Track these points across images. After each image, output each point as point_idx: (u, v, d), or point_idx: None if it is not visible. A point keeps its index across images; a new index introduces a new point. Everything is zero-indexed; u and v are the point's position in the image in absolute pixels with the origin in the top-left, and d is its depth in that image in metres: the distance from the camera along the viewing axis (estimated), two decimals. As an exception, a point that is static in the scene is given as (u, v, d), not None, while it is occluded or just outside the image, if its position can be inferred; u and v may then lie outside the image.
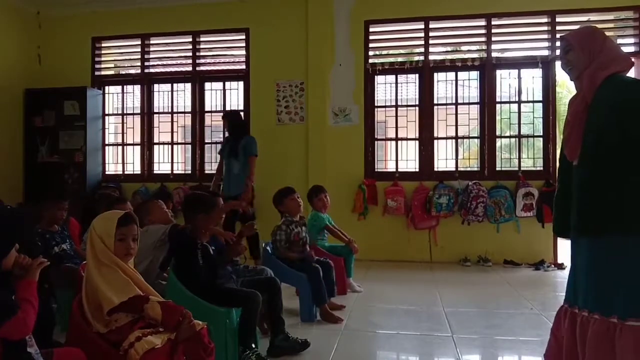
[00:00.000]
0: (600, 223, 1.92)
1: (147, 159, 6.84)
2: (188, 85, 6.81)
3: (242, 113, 6.24)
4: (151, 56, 6.91)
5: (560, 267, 5.59)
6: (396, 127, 6.35)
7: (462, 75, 6.29)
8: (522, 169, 6.01)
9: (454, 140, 6.28)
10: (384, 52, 6.57)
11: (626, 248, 1.86)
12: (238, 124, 5.70)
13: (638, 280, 1.83)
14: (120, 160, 6.99)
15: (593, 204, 1.94)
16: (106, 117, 6.97)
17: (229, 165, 5.50)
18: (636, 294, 1.82)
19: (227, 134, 5.90)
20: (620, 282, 1.86)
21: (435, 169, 6.23)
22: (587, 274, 1.97)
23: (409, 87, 6.46)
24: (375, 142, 6.41)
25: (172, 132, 6.83)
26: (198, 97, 6.73)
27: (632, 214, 1.85)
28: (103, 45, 6.98)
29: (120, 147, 7.01)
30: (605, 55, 2.01)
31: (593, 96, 1.97)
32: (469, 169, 6.46)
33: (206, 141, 6.81)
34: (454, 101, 6.32)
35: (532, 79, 6.12)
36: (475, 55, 6.19)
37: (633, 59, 6.48)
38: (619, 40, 5.90)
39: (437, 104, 6.31)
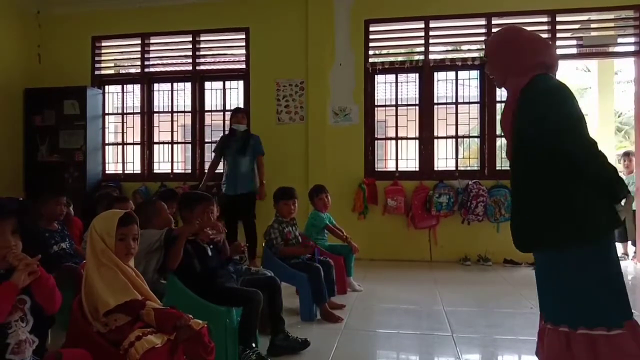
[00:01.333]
0: (535, 238, 1.89)
1: (147, 158, 6.84)
2: (188, 85, 6.81)
3: None
4: (151, 55, 6.91)
5: (560, 266, 5.58)
6: (396, 127, 6.35)
7: (462, 74, 6.29)
8: (522, 168, 6.00)
9: (454, 140, 6.29)
10: (384, 51, 6.58)
11: (566, 261, 1.82)
12: (250, 122, 5.73)
13: (580, 290, 1.80)
14: (120, 159, 6.98)
15: (526, 219, 1.90)
16: (106, 117, 6.97)
17: (236, 164, 5.45)
18: (581, 303, 1.79)
19: (228, 131, 5.82)
20: (565, 293, 1.84)
21: (436, 168, 6.22)
22: (538, 285, 2.00)
23: (409, 86, 6.46)
24: (375, 141, 6.40)
25: (172, 131, 6.83)
26: (198, 97, 6.73)
27: (564, 226, 1.79)
28: (103, 44, 6.98)
29: (120, 147, 7.01)
30: (524, 61, 1.91)
31: (517, 104, 1.90)
32: (469, 168, 6.46)
33: (206, 140, 6.81)
34: (454, 100, 6.32)
35: (532, 78, 6.10)
36: (475, 55, 6.18)
37: (633, 59, 6.40)
38: (619, 40, 5.91)
39: (437, 103, 6.31)
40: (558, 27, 5.94)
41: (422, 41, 6.22)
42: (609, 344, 1.75)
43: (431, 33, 6.19)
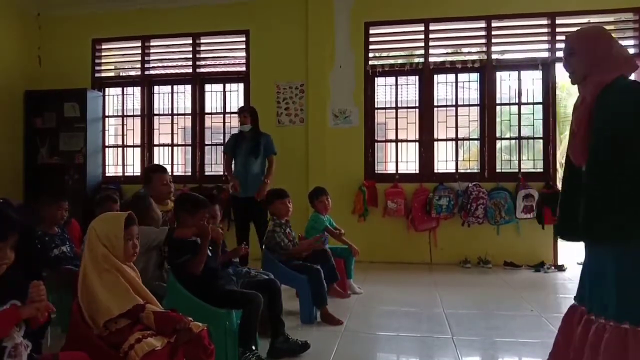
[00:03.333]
0: (616, 232, 1.86)
1: (147, 160, 6.83)
2: (188, 87, 6.81)
3: None
4: (151, 58, 6.91)
5: (561, 268, 5.58)
6: (396, 129, 6.35)
7: (462, 77, 6.29)
8: (522, 170, 6.01)
9: (454, 142, 6.29)
10: (384, 53, 6.58)
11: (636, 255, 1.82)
12: (257, 119, 5.35)
13: None
14: (121, 161, 6.99)
15: (606, 212, 1.88)
16: (106, 119, 6.97)
17: (247, 165, 5.17)
18: None
19: (238, 131, 5.44)
20: (632, 289, 1.82)
21: (435, 171, 6.23)
22: (610, 282, 1.90)
23: (409, 88, 6.46)
24: (375, 143, 6.41)
25: (172, 133, 6.83)
26: (198, 99, 6.73)
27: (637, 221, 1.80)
28: (103, 46, 6.99)
29: (120, 149, 7.01)
30: (610, 60, 1.94)
31: (597, 101, 1.92)
32: (469, 170, 6.46)
33: (206, 143, 6.82)
34: (454, 103, 6.31)
35: (532, 80, 6.12)
36: (475, 57, 6.19)
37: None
38: (619, 42, 5.91)
39: (437, 106, 6.30)
40: (558, 29, 5.94)
41: (422, 44, 6.22)
42: None
43: (431, 35, 6.19)
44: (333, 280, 4.07)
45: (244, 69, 6.57)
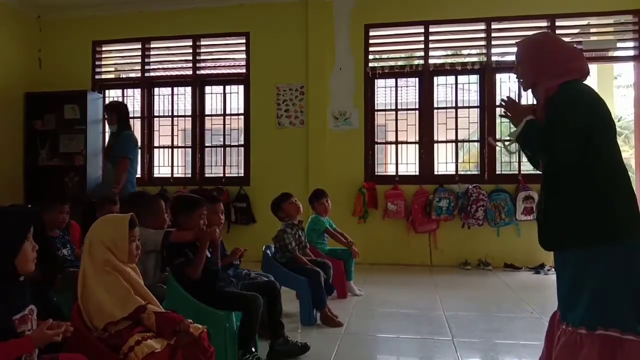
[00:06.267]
0: (556, 237, 1.92)
1: (147, 162, 6.84)
2: (188, 89, 6.82)
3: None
4: (152, 60, 6.92)
5: (561, 270, 5.58)
6: (396, 131, 6.35)
7: (462, 78, 6.29)
8: (522, 172, 6.01)
9: (454, 144, 6.29)
10: (384, 55, 6.59)
11: (586, 260, 1.83)
12: (125, 117, 4.87)
13: (599, 291, 1.80)
14: (121, 163, 6.98)
15: (548, 217, 1.94)
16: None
17: (107, 169, 4.84)
18: (599, 304, 1.79)
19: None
20: (585, 293, 1.82)
21: (436, 173, 6.23)
22: (561, 287, 1.96)
23: (409, 90, 6.47)
24: (375, 145, 6.41)
25: (172, 135, 6.83)
26: (198, 101, 6.74)
27: (591, 225, 1.82)
28: (103, 49, 6.99)
29: (120, 151, 7.01)
30: (554, 67, 1.93)
31: (546, 111, 1.92)
32: (469, 172, 6.46)
33: (206, 145, 6.82)
34: (454, 105, 6.31)
35: (532, 82, 6.12)
36: (475, 59, 6.20)
37: (632, 63, 6.42)
38: (618, 44, 5.92)
39: (437, 108, 6.31)
40: (557, 31, 5.94)
41: (422, 46, 6.23)
42: (621, 347, 1.73)
43: (431, 38, 6.20)
44: (328, 293, 3.79)
45: (244, 70, 6.58)
